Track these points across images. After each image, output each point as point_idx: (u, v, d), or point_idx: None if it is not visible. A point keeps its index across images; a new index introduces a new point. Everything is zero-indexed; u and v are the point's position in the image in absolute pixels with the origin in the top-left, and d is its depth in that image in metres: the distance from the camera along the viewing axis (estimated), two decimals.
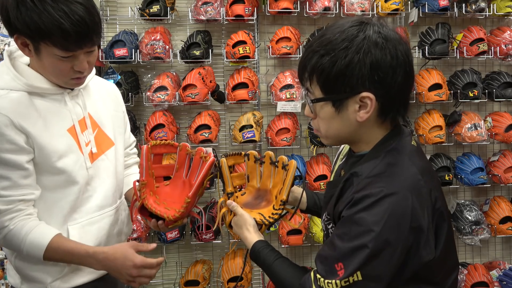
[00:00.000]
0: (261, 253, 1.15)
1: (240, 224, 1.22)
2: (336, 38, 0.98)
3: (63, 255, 1.25)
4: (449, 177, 2.87)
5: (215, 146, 2.90)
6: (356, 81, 0.97)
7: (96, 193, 1.36)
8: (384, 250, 0.93)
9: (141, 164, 1.32)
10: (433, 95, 2.84)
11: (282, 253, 1.19)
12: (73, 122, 1.31)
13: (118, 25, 2.88)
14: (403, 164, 1.00)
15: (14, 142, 1.19)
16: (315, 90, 1.03)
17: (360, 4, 2.78)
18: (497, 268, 3.07)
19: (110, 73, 2.67)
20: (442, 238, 1.00)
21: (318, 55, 1.00)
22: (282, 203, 1.26)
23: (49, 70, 1.23)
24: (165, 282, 3.03)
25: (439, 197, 1.01)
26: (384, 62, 0.96)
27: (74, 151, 1.30)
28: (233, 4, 2.72)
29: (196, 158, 1.33)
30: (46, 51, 1.17)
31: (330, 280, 0.96)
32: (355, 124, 1.02)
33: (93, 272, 1.36)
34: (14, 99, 1.21)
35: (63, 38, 1.13)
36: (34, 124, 1.22)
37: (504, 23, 3.15)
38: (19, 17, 1.12)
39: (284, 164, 1.28)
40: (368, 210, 0.94)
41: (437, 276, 1.02)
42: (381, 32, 0.98)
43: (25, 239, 1.22)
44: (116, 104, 1.52)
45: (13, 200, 1.22)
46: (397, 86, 0.98)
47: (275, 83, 2.84)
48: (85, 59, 1.23)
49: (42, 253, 1.23)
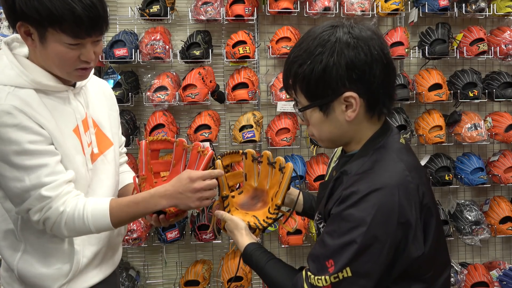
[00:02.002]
0: (253, 255, 1.16)
1: (231, 228, 1.23)
2: (310, 45, 1.02)
3: (127, 209, 1.22)
4: (449, 177, 2.87)
5: (215, 146, 2.90)
6: (336, 83, 1.00)
7: (96, 194, 1.33)
8: (373, 246, 0.94)
9: (141, 159, 1.31)
10: (433, 95, 2.84)
11: (282, 253, 1.20)
12: (77, 122, 1.28)
13: (118, 25, 2.88)
14: (390, 161, 1.02)
15: (40, 133, 1.16)
16: (301, 99, 1.06)
17: (360, 4, 2.78)
18: (497, 268, 3.07)
19: (110, 73, 2.67)
20: (431, 234, 1.01)
21: (297, 65, 1.03)
22: (276, 207, 1.26)
23: (53, 59, 1.17)
24: (165, 282, 3.03)
25: (426, 192, 1.02)
26: (359, 61, 0.99)
27: (79, 152, 1.27)
28: (233, 4, 2.72)
29: (193, 153, 1.32)
30: (54, 38, 1.12)
31: (320, 276, 0.97)
32: (345, 124, 1.05)
33: (96, 275, 1.34)
34: (24, 97, 1.16)
35: (75, 23, 1.09)
36: (49, 122, 1.19)
37: (504, 23, 3.15)
38: (27, 2, 1.08)
39: (281, 166, 1.27)
40: (356, 206, 0.96)
41: (427, 273, 1.03)
42: (351, 32, 1.01)
43: (88, 215, 1.19)
44: (111, 103, 1.48)
45: (59, 184, 1.17)
46: (376, 80, 1.01)
47: (275, 83, 2.84)
48: (92, 49, 1.18)
49: (109, 220, 1.20)
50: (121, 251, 1.52)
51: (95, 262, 1.34)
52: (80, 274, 1.30)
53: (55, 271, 1.26)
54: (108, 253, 1.39)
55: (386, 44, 1.06)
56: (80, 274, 1.30)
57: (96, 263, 1.34)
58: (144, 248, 2.98)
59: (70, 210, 1.18)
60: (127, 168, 1.58)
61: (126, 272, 2.78)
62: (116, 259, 1.46)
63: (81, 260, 1.28)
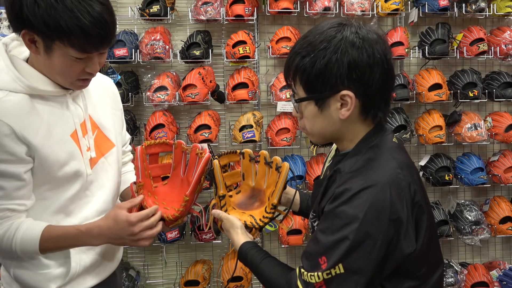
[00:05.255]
0: (248, 254, 1.16)
1: (227, 227, 1.24)
2: (315, 39, 1.03)
3: (57, 241, 1.19)
4: (449, 177, 2.87)
5: (215, 146, 2.90)
6: (335, 80, 1.01)
7: (95, 198, 1.30)
8: (365, 242, 0.95)
9: (136, 165, 1.27)
10: (433, 95, 2.84)
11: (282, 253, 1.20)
12: (75, 126, 1.24)
13: (118, 25, 2.86)
14: (382, 159, 1.03)
15: (14, 153, 1.12)
16: (299, 90, 1.08)
17: (360, 4, 2.78)
18: (497, 268, 3.07)
19: (110, 73, 2.67)
20: (422, 231, 1.02)
21: (300, 57, 1.04)
22: (273, 207, 1.26)
23: (57, 70, 1.15)
24: (165, 282, 3.03)
25: (418, 190, 1.03)
26: (361, 61, 1.00)
27: (76, 157, 1.23)
28: (233, 4, 2.72)
29: (192, 155, 1.31)
30: (60, 51, 1.09)
31: (313, 273, 0.98)
32: (338, 122, 1.06)
33: (94, 278, 1.32)
34: (15, 104, 1.13)
35: (84, 38, 1.07)
36: (36, 133, 1.15)
37: (504, 23, 3.15)
38: (36, 12, 1.03)
39: (278, 165, 1.28)
40: (348, 203, 0.97)
41: (420, 271, 1.04)
42: (358, 33, 1.02)
43: (17, 240, 1.16)
44: (114, 101, 1.43)
45: (1, 209, 1.15)
46: (375, 83, 1.02)
47: (275, 83, 2.84)
48: (98, 61, 1.17)
49: (37, 246, 1.16)
50: (122, 253, 1.50)
51: (91, 268, 1.32)
52: (77, 278, 1.28)
53: (49, 275, 1.25)
54: (106, 257, 1.37)
55: (390, 50, 1.07)
56: (77, 278, 1.28)
57: (92, 268, 1.32)
58: (144, 248, 2.98)
59: (1, 232, 1.16)
60: (131, 168, 1.55)
61: (126, 272, 2.78)
62: (115, 262, 1.43)
63: (77, 267, 1.27)
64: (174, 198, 1.31)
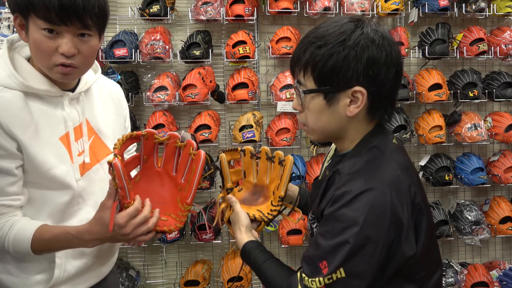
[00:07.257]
0: (251, 253, 1.15)
1: (234, 221, 1.22)
2: (334, 31, 1.00)
3: (49, 242, 1.16)
4: (449, 177, 2.87)
5: (214, 146, 2.90)
6: (351, 75, 0.99)
7: (87, 206, 1.26)
8: (366, 246, 0.94)
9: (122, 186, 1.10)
10: (433, 95, 2.84)
11: (282, 253, 1.20)
12: (68, 129, 1.22)
13: (118, 25, 2.88)
14: (382, 161, 1.02)
15: (4, 147, 1.12)
16: (308, 82, 1.04)
17: (360, 4, 2.78)
18: (497, 268, 3.07)
19: (110, 73, 2.67)
20: (422, 234, 1.01)
21: (314, 46, 1.01)
22: (280, 199, 1.26)
23: (33, 51, 1.12)
24: (165, 282, 3.03)
25: (418, 192, 1.02)
26: (380, 59, 0.99)
27: (65, 161, 1.20)
28: (233, 4, 2.72)
29: (185, 153, 1.22)
30: (33, 25, 1.09)
31: (314, 278, 0.97)
32: (344, 119, 1.04)
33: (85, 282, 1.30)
34: (7, 100, 1.13)
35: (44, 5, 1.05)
36: (24, 131, 1.14)
37: (504, 23, 3.15)
38: None
39: (281, 159, 1.27)
40: (348, 206, 0.95)
41: (419, 273, 1.03)
42: (378, 30, 1.01)
43: (10, 238, 1.14)
44: (118, 107, 1.40)
45: None
46: (388, 83, 1.01)
47: (275, 83, 2.84)
48: (73, 42, 1.10)
49: (28, 246, 1.14)
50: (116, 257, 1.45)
51: (80, 273, 1.28)
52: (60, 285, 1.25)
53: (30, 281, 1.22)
54: (98, 262, 1.33)
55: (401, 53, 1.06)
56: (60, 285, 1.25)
57: (81, 274, 1.29)
58: (144, 248, 2.98)
59: None
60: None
61: (126, 272, 2.78)
62: (107, 266, 1.39)
63: (61, 274, 1.23)
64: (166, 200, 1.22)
